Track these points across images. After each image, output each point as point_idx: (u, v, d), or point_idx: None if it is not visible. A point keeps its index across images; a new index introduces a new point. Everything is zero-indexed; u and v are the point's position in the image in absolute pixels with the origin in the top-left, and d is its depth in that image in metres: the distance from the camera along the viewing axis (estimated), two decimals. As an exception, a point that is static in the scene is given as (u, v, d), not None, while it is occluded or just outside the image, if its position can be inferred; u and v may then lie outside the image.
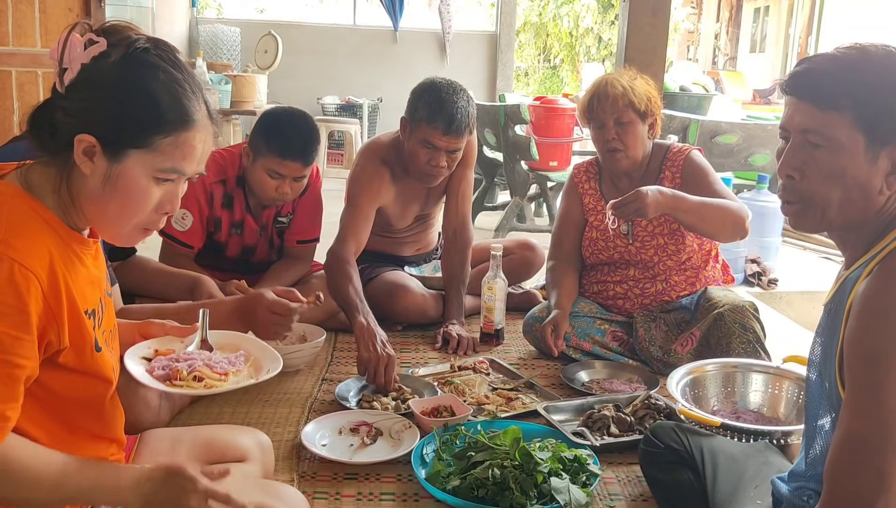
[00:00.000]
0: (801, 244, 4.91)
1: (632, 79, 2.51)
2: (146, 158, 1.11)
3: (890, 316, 1.05)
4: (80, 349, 1.13)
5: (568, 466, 1.73)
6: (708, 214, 2.34)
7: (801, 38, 12.86)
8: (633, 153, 2.51)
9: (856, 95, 1.12)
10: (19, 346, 1.03)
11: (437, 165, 2.61)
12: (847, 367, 1.10)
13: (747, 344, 2.34)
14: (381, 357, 2.17)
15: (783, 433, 1.78)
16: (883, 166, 1.13)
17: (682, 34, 16.62)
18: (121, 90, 1.09)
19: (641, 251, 2.56)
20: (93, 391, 1.19)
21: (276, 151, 2.47)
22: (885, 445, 1.03)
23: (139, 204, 1.14)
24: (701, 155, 2.60)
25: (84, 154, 1.09)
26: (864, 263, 1.16)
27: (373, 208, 2.70)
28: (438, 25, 9.17)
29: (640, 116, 2.48)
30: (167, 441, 1.45)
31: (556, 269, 2.66)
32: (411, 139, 2.62)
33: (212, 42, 8.09)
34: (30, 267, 1.04)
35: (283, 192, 2.52)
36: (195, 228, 2.56)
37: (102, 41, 1.09)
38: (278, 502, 1.32)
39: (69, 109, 1.09)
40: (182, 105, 1.12)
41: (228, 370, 1.36)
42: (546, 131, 4.98)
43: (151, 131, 1.10)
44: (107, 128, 1.09)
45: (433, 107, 2.54)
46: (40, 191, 1.12)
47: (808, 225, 1.22)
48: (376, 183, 2.70)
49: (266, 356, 1.45)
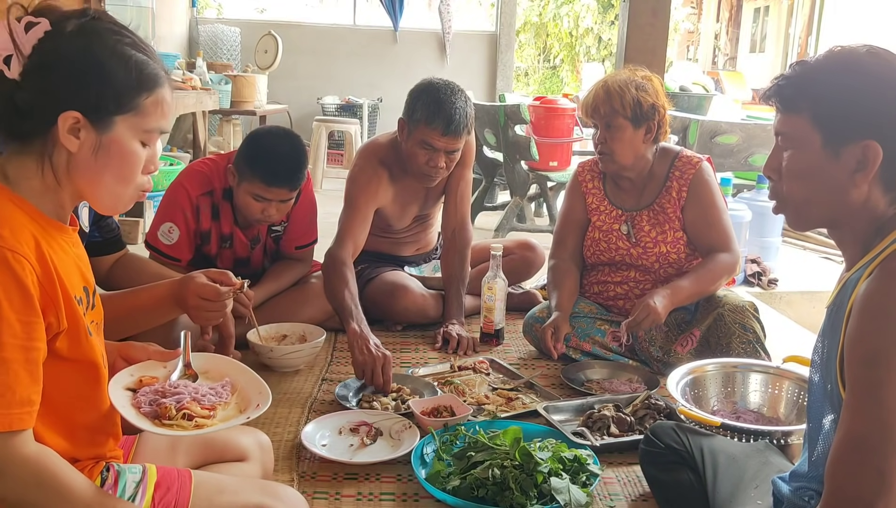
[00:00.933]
0: (801, 244, 4.91)
1: (628, 82, 2.45)
2: (133, 121, 1.13)
3: (890, 316, 1.05)
4: (74, 333, 1.13)
5: (568, 466, 1.73)
6: (705, 288, 2.43)
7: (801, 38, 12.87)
8: (620, 158, 2.48)
9: (812, 96, 1.17)
10: (31, 329, 1.04)
11: (435, 165, 2.61)
12: (847, 368, 1.10)
13: (747, 344, 2.34)
14: (376, 358, 2.17)
15: (783, 433, 1.78)
16: (847, 164, 1.15)
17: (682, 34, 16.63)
18: (94, 59, 1.09)
19: (643, 257, 2.55)
20: (87, 379, 1.19)
21: (260, 177, 2.40)
22: (885, 445, 1.02)
23: (133, 168, 1.15)
24: (710, 168, 2.57)
25: (69, 132, 1.09)
26: (864, 264, 1.16)
27: (371, 209, 2.70)
28: (438, 25, 9.17)
29: (630, 122, 2.44)
30: (167, 441, 1.44)
31: (557, 268, 2.65)
32: (410, 140, 2.62)
33: (212, 42, 8.10)
34: (21, 252, 1.04)
35: (268, 214, 2.47)
36: (182, 241, 2.51)
37: (44, 20, 1.08)
38: (278, 502, 1.31)
39: (39, 90, 1.08)
40: (150, 63, 1.14)
41: (216, 404, 1.33)
42: (546, 131, 4.98)
43: (134, 93, 1.12)
44: (89, 100, 1.09)
45: (431, 108, 2.54)
46: (18, 182, 1.11)
47: (792, 223, 1.26)
48: (374, 184, 2.70)
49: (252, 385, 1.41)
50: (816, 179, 1.18)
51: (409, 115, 2.62)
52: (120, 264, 2.36)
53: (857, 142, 1.13)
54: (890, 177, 1.15)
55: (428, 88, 2.61)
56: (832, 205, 1.18)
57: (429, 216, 3.03)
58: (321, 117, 7.25)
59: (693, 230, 2.52)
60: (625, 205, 2.59)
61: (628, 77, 2.48)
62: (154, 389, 1.32)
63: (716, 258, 2.45)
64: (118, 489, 1.22)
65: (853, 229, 1.20)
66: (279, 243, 2.76)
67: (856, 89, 1.14)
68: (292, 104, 7.83)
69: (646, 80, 2.49)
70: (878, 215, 1.17)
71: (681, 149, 2.63)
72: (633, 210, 2.58)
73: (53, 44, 1.08)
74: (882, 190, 1.16)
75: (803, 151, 1.18)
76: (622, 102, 2.42)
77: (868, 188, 1.15)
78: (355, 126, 7.01)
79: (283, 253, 2.78)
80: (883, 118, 1.13)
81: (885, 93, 1.13)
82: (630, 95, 2.42)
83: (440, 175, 2.67)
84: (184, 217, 2.50)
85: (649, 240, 2.55)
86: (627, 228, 2.56)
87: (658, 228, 2.53)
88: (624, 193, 2.61)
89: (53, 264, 1.10)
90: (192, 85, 4.98)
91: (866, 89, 1.13)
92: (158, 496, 1.23)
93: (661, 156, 2.58)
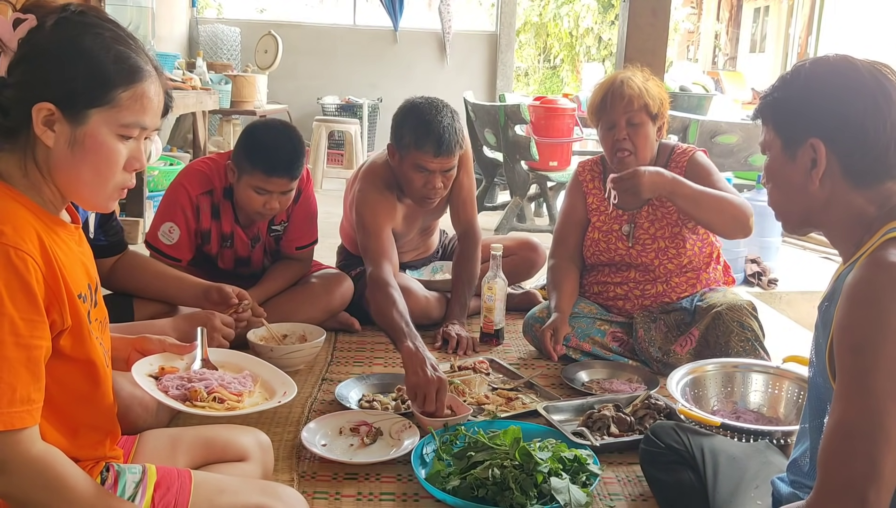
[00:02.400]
0: (801, 244, 4.91)
1: (645, 80, 2.49)
2: (108, 114, 1.11)
3: (874, 304, 1.07)
4: (77, 331, 1.13)
5: (568, 466, 1.73)
6: (706, 202, 2.33)
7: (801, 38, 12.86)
8: (643, 155, 2.49)
9: (772, 104, 1.27)
10: (33, 328, 1.04)
11: (433, 187, 2.59)
12: (836, 357, 1.11)
13: (746, 343, 2.34)
14: (430, 381, 2.02)
15: (783, 433, 1.78)
16: (802, 164, 1.23)
17: (682, 34, 16.63)
18: (68, 51, 1.09)
19: (642, 254, 2.56)
20: (88, 378, 1.19)
21: (260, 169, 2.41)
22: (874, 432, 1.03)
23: (111, 163, 1.14)
24: (705, 156, 2.59)
25: (44, 124, 1.08)
26: (856, 259, 1.18)
27: (390, 229, 2.68)
28: (438, 25, 9.16)
29: (651, 119, 2.47)
30: (167, 441, 1.45)
31: (557, 269, 2.65)
32: (403, 165, 2.59)
33: (212, 42, 8.09)
34: (25, 250, 1.04)
35: (270, 207, 2.47)
36: (182, 241, 2.50)
37: (31, 17, 1.09)
38: (278, 502, 1.31)
39: (17, 83, 1.08)
40: (131, 57, 1.13)
41: (242, 391, 1.35)
42: (546, 131, 4.98)
43: (109, 86, 1.11)
44: (63, 91, 1.08)
45: (419, 131, 2.51)
46: (11, 179, 1.11)
47: (782, 226, 1.35)
48: (388, 207, 2.69)
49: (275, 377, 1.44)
50: (783, 182, 1.27)
51: (397, 140, 2.59)
52: (121, 264, 2.36)
53: (805, 141, 1.21)
54: (853, 173, 1.20)
55: (412, 109, 2.57)
56: (801, 204, 1.26)
57: (431, 227, 3.05)
58: (321, 117, 7.25)
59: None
60: (626, 204, 2.59)
61: (640, 75, 2.50)
62: (179, 376, 1.35)
63: (726, 194, 2.38)
64: (118, 489, 1.22)
65: (836, 228, 1.25)
66: (279, 243, 2.76)
67: (801, 93, 1.23)
68: (292, 104, 7.83)
69: (652, 79, 2.53)
70: (861, 213, 1.20)
71: (675, 143, 2.65)
72: (633, 209, 2.58)
73: (35, 37, 1.08)
74: (849, 187, 1.20)
75: (772, 157, 1.28)
76: (649, 96, 2.44)
77: (830, 186, 1.21)
78: (355, 126, 7.01)
79: (283, 253, 2.78)
80: (822, 117, 1.20)
81: (823, 93, 1.20)
82: (653, 87, 2.46)
83: (439, 195, 2.66)
84: (184, 217, 2.50)
85: (648, 237, 2.55)
86: (629, 228, 2.56)
87: (657, 223, 2.54)
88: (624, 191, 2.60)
89: (57, 261, 1.10)
90: (192, 85, 4.98)
91: (809, 92, 1.22)
92: (158, 496, 1.23)
93: (660, 151, 2.60)
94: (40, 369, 1.06)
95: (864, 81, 1.18)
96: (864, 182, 1.20)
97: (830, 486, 1.07)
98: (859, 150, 1.18)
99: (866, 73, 1.19)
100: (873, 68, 1.20)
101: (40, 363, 1.06)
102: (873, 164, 1.19)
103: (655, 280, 2.57)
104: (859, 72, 1.19)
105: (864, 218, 1.20)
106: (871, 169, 1.19)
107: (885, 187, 1.20)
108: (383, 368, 2.52)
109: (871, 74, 1.19)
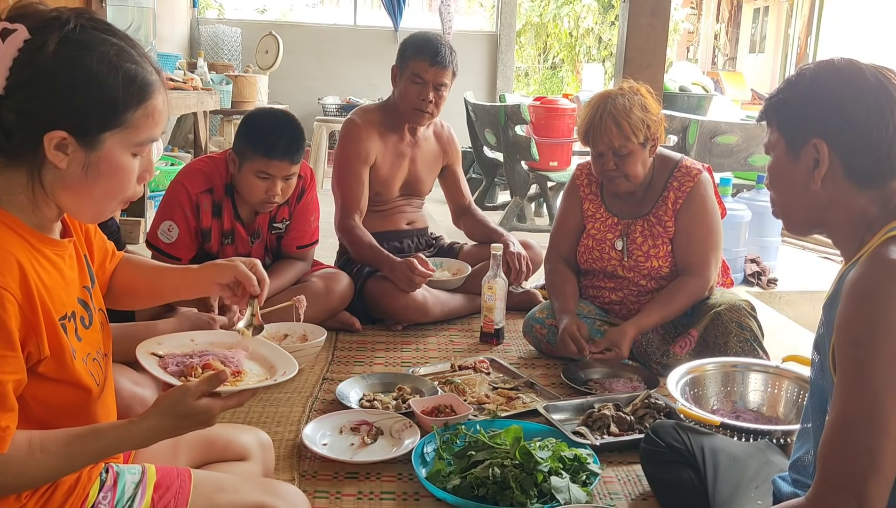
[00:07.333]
0: (801, 244, 4.92)
1: (631, 106, 2.38)
2: (123, 136, 1.09)
3: (873, 299, 1.08)
4: (59, 358, 1.11)
5: (568, 465, 1.73)
6: (673, 312, 2.44)
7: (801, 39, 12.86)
8: (636, 178, 2.46)
9: (777, 104, 1.28)
10: (4, 363, 1.02)
11: (426, 98, 2.87)
12: (837, 351, 1.12)
13: (745, 342, 2.34)
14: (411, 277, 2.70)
15: (783, 432, 1.78)
16: (805, 164, 1.24)
17: (682, 34, 16.62)
18: (77, 77, 1.04)
19: (634, 269, 2.54)
20: (76, 399, 1.17)
21: (261, 152, 2.41)
22: (873, 425, 1.04)
23: (125, 182, 1.12)
24: (711, 180, 2.53)
25: (56, 149, 1.05)
26: (857, 258, 1.19)
27: (365, 169, 2.94)
28: (439, 26, 9.15)
29: (640, 145, 2.42)
30: (167, 441, 1.44)
31: (556, 273, 2.64)
32: (402, 80, 2.91)
33: (213, 42, 8.09)
34: (2, 284, 1.01)
35: (273, 193, 2.47)
36: (182, 239, 2.50)
37: (21, 27, 1.02)
38: (279, 501, 1.31)
39: (21, 109, 1.04)
40: (139, 72, 1.09)
41: (242, 369, 1.36)
42: (546, 131, 4.99)
43: (121, 109, 1.07)
44: (75, 118, 1.05)
45: (420, 43, 2.90)
46: (3, 197, 1.08)
47: (785, 228, 1.36)
48: (364, 141, 2.93)
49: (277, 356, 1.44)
50: (786, 182, 1.28)
51: (400, 57, 2.95)
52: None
53: (808, 141, 1.22)
54: (856, 174, 1.21)
55: (417, 33, 3.01)
56: (804, 205, 1.27)
57: (416, 189, 3.12)
58: (322, 117, 7.25)
59: (675, 241, 2.50)
60: (621, 213, 2.57)
61: (623, 98, 2.41)
62: (182, 353, 1.39)
63: (683, 285, 2.44)
64: (117, 489, 1.21)
65: (839, 228, 1.26)
66: (281, 242, 2.76)
67: (805, 94, 1.24)
68: (293, 104, 7.81)
69: (634, 92, 2.44)
70: (863, 214, 1.21)
71: (681, 157, 2.58)
72: (629, 218, 2.56)
73: (37, 60, 1.03)
74: (852, 188, 1.21)
75: (776, 158, 1.30)
76: (632, 129, 2.37)
77: (833, 186, 1.22)
78: (356, 126, 7.00)
79: (284, 252, 2.78)
80: (825, 117, 1.21)
81: (827, 94, 1.22)
82: (636, 118, 2.38)
83: (430, 110, 2.91)
84: (183, 215, 2.50)
85: (641, 254, 2.52)
86: (622, 243, 2.55)
87: (651, 240, 2.51)
88: (621, 200, 2.59)
89: (38, 289, 1.07)
90: (194, 85, 4.98)
91: (813, 93, 1.23)
92: (158, 496, 1.23)
93: (661, 164, 2.54)
94: (10, 400, 1.03)
95: (867, 84, 1.19)
96: (866, 183, 1.21)
97: (830, 478, 1.07)
98: (862, 151, 1.19)
99: (870, 75, 1.20)
100: (877, 72, 1.21)
101: (9, 395, 1.03)
102: (875, 165, 1.20)
103: (651, 290, 2.56)
104: (863, 74, 1.20)
105: (866, 218, 1.21)
106: (874, 170, 1.20)
107: (887, 188, 1.21)
108: (384, 367, 2.52)
109: (875, 77, 1.20)
